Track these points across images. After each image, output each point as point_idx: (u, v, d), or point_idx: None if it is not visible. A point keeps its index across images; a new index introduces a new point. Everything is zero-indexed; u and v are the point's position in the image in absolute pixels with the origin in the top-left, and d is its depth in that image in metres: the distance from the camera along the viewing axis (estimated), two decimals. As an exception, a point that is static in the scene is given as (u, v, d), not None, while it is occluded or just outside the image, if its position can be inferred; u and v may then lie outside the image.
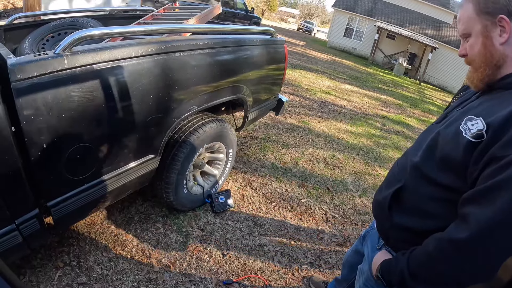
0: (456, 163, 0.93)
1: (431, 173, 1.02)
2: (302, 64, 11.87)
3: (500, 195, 0.79)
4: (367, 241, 1.41)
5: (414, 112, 9.24)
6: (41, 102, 1.39)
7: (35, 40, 2.69)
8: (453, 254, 0.87)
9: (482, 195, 0.84)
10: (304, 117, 5.88)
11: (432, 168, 1.02)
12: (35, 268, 2.01)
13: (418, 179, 1.07)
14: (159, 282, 2.08)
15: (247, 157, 3.87)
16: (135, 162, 1.97)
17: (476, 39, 0.98)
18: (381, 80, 14.71)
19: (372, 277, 1.21)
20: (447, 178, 0.97)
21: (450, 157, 0.96)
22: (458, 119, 0.98)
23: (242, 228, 2.72)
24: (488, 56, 0.97)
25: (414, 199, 1.08)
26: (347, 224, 3.08)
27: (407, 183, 1.11)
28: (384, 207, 1.16)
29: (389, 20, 22.85)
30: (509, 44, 0.93)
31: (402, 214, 1.11)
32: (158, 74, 1.88)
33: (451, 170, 0.96)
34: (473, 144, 0.88)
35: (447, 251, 0.88)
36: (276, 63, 3.08)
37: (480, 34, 0.97)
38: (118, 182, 1.91)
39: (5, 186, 1.39)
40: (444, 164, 0.98)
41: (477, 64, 1.00)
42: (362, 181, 4.00)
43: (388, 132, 6.44)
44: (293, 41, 20.76)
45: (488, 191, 0.82)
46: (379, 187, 1.31)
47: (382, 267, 1.11)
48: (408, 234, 1.08)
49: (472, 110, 0.97)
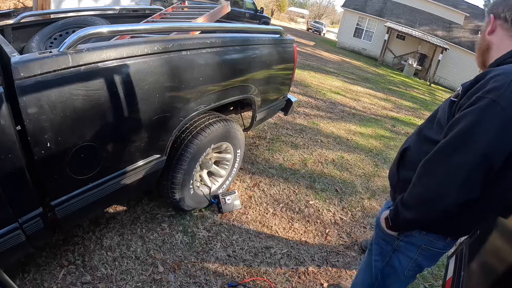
0: (444, 120, 1.17)
1: (428, 133, 1.27)
2: (312, 65, 11.80)
3: (456, 127, 1.06)
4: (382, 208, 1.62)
5: (425, 114, 9.11)
6: (45, 100, 1.37)
7: (43, 38, 2.70)
8: (422, 172, 1.13)
9: (449, 128, 1.09)
10: (313, 118, 5.82)
11: (431, 129, 1.26)
12: (39, 266, 2.00)
13: (419, 140, 1.32)
14: (163, 283, 2.06)
15: (255, 158, 3.84)
16: (140, 162, 1.95)
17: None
18: (391, 81, 14.58)
19: (377, 228, 1.47)
20: (439, 134, 1.17)
21: (441, 118, 1.21)
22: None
23: (249, 229, 2.69)
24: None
25: (414, 155, 1.31)
26: (355, 227, 3.03)
27: (411, 144, 1.35)
28: (394, 167, 1.42)
29: (399, 21, 22.66)
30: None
31: (405, 169, 1.34)
32: (164, 73, 1.85)
33: (441, 127, 1.18)
34: (452, 102, 1.16)
35: (419, 172, 1.15)
36: (285, 63, 3.04)
37: None
38: (122, 182, 1.89)
39: (8, 184, 1.38)
40: (438, 124, 1.22)
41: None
42: (371, 183, 3.94)
43: (398, 133, 6.36)
44: (303, 41, 20.67)
45: (450, 126, 1.09)
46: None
47: (389, 213, 1.33)
48: (408, 185, 1.23)
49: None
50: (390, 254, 1.41)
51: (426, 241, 1.30)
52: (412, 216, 1.17)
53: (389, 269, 1.44)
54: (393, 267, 1.42)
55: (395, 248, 1.39)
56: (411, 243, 1.33)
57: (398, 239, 1.36)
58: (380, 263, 1.46)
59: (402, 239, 1.35)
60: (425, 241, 1.30)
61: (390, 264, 1.43)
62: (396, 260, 1.40)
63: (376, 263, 1.48)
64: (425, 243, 1.31)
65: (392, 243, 1.39)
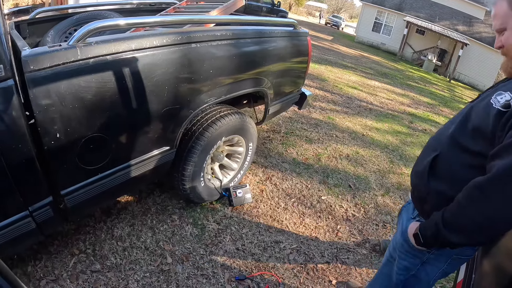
0: (486, 131, 1.04)
1: (464, 142, 1.14)
2: (329, 59, 11.67)
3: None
4: (402, 215, 1.50)
5: (443, 111, 8.91)
6: (54, 92, 1.40)
7: (58, 33, 2.74)
8: (476, 196, 1.00)
9: (504, 150, 0.95)
10: (329, 112, 5.76)
11: (465, 137, 1.14)
12: (51, 254, 2.05)
13: (452, 147, 1.19)
14: (171, 274, 2.07)
15: (269, 152, 3.82)
16: (149, 154, 1.96)
17: (511, 32, 1.08)
18: (410, 77, 14.29)
19: (405, 242, 1.34)
20: (478, 145, 1.08)
21: (481, 126, 1.07)
22: (490, 95, 1.09)
23: (259, 223, 2.68)
24: None
25: (448, 166, 1.19)
26: (368, 224, 2.98)
27: (442, 152, 1.22)
28: (423, 176, 1.26)
29: (419, 15, 22.16)
30: None
31: (438, 180, 1.21)
32: (173, 65, 1.85)
33: (481, 137, 1.07)
34: (501, 112, 1.00)
35: (472, 195, 1.01)
36: (298, 56, 3.00)
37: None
38: (131, 174, 1.90)
39: (18, 173, 1.41)
40: (476, 133, 1.09)
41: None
42: (386, 179, 3.87)
43: (415, 130, 6.23)
44: (320, 35, 20.47)
45: (509, 146, 0.94)
46: (416, 160, 1.41)
47: (420, 228, 1.21)
48: (442, 199, 1.16)
49: (502, 88, 1.09)
50: (418, 267, 1.34)
51: (458, 251, 1.24)
52: (460, 240, 1.06)
53: (413, 280, 1.38)
54: (418, 278, 1.36)
55: (424, 261, 1.32)
56: (442, 254, 1.27)
57: (429, 252, 1.28)
58: (404, 276, 1.40)
59: (433, 252, 1.28)
60: (456, 251, 1.24)
61: (416, 276, 1.36)
62: (423, 272, 1.34)
63: (400, 276, 1.41)
64: (456, 253, 1.25)
65: (422, 257, 1.31)
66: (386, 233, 2.90)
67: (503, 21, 1.08)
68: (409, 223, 1.34)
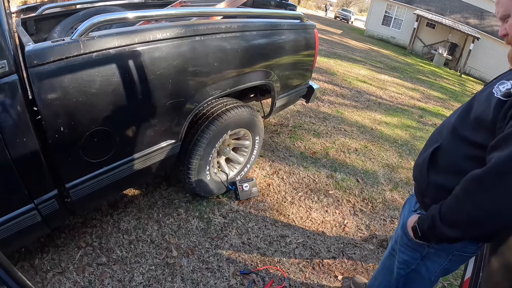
0: (487, 121, 1.00)
1: (465, 132, 1.10)
2: (338, 53, 11.57)
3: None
4: (405, 207, 1.47)
5: (454, 105, 8.76)
6: (58, 86, 1.41)
7: (64, 29, 2.74)
8: (474, 190, 0.96)
9: (503, 141, 0.92)
10: (337, 106, 5.71)
11: (467, 128, 1.10)
12: (58, 247, 2.07)
13: (453, 138, 1.15)
14: (176, 267, 2.08)
15: (276, 145, 3.80)
16: (153, 147, 1.96)
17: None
18: (420, 71, 14.09)
19: (404, 235, 1.33)
20: (479, 136, 1.04)
21: (482, 116, 1.03)
22: (492, 85, 1.05)
23: (265, 217, 2.67)
24: None
25: (448, 158, 1.16)
26: (375, 219, 2.95)
27: (443, 143, 1.18)
28: (423, 168, 1.23)
29: (429, 8, 21.76)
30: None
31: (438, 172, 1.19)
32: (177, 59, 1.84)
33: (483, 128, 1.03)
34: (502, 102, 0.96)
35: (469, 188, 0.97)
36: (305, 49, 2.96)
37: None
38: (135, 167, 1.90)
39: (23, 167, 1.42)
40: (477, 123, 1.05)
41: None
42: (394, 174, 3.82)
43: (425, 124, 6.14)
44: (330, 29, 20.28)
45: (508, 136, 0.90)
46: (420, 152, 1.37)
47: (418, 221, 1.19)
48: (442, 192, 1.12)
49: (505, 77, 1.04)
50: (417, 261, 1.32)
51: (459, 247, 1.21)
52: (456, 235, 1.03)
53: (414, 275, 1.36)
54: (419, 273, 1.34)
55: (423, 256, 1.29)
56: (442, 250, 1.24)
57: (428, 246, 1.26)
58: (405, 270, 1.38)
59: (433, 246, 1.25)
60: (457, 247, 1.21)
61: (416, 271, 1.34)
62: (423, 267, 1.32)
63: (400, 270, 1.40)
64: (457, 249, 1.22)
65: (421, 251, 1.29)
66: (394, 229, 2.86)
67: (506, 7, 1.04)
68: (410, 216, 1.32)
